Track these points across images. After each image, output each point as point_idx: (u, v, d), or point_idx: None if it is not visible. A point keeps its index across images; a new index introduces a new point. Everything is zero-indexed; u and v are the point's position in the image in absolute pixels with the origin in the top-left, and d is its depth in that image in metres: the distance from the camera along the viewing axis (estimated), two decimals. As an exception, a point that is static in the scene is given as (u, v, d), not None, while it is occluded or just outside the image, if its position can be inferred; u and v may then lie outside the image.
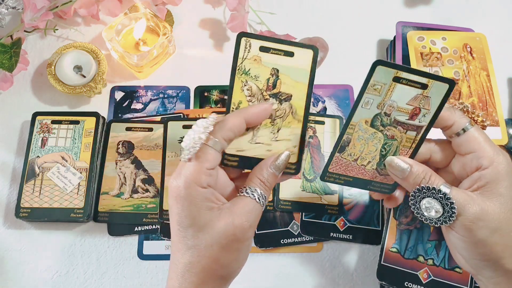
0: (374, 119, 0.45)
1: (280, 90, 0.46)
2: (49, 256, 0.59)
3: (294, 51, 0.45)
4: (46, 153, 0.61)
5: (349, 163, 0.47)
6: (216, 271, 0.41)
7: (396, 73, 0.43)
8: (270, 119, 0.46)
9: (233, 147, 0.45)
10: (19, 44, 0.63)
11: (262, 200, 0.43)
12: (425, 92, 0.44)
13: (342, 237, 0.59)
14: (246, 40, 0.45)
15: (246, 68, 0.45)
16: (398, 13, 0.73)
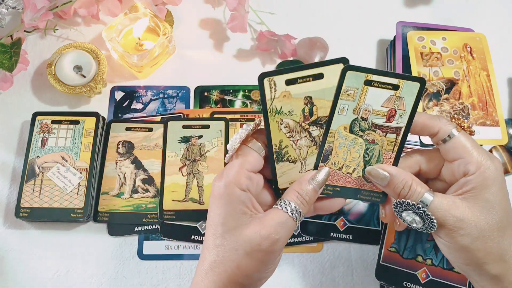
0: (352, 124, 0.45)
1: (318, 115, 0.45)
2: (49, 256, 0.59)
3: (323, 72, 0.43)
4: (46, 153, 0.61)
5: (335, 172, 0.46)
6: (237, 276, 0.41)
7: (367, 76, 0.44)
8: (315, 146, 0.45)
9: (286, 180, 0.45)
10: (19, 44, 0.63)
11: (296, 214, 0.41)
12: (398, 92, 0.44)
13: (342, 237, 0.59)
14: (269, 80, 0.43)
15: (278, 108, 0.43)
16: (398, 13, 0.73)
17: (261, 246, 0.40)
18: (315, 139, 0.45)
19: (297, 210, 0.42)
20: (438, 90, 0.62)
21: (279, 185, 0.45)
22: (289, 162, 0.45)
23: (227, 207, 0.41)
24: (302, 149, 0.45)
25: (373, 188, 0.46)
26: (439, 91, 0.62)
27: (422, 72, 0.63)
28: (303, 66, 0.43)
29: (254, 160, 0.42)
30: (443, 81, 0.62)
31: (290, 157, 0.45)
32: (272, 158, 0.44)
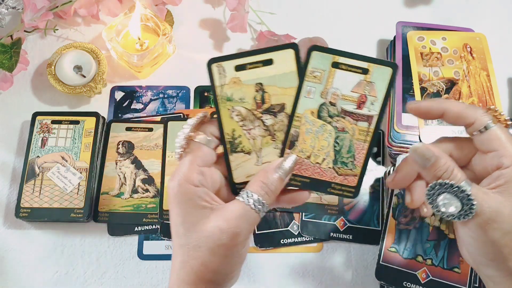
0: (320, 109, 0.42)
1: (271, 103, 0.43)
2: (49, 256, 0.59)
3: (272, 57, 0.42)
4: (46, 153, 0.61)
5: (302, 161, 0.43)
6: (204, 274, 0.40)
7: (334, 58, 0.42)
8: (270, 136, 0.43)
9: (241, 174, 0.43)
10: (19, 44, 0.63)
11: (259, 206, 0.40)
12: (368, 77, 0.42)
13: (342, 237, 0.59)
14: (218, 66, 0.42)
15: (228, 94, 0.42)
16: (398, 13, 0.73)
17: (222, 241, 0.39)
18: (269, 128, 0.43)
19: (260, 202, 0.40)
20: (438, 90, 0.62)
21: (234, 179, 0.43)
22: (244, 153, 0.43)
23: (184, 205, 0.40)
24: (256, 139, 0.43)
25: (344, 181, 0.44)
26: (439, 91, 0.62)
27: (422, 72, 0.63)
28: (251, 52, 0.42)
29: (203, 154, 0.41)
30: (443, 81, 0.62)
31: (244, 147, 0.43)
32: (226, 149, 0.43)
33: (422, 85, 0.62)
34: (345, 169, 0.43)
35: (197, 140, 0.41)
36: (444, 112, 0.43)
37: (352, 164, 0.43)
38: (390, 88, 0.42)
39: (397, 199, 0.57)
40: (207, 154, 0.41)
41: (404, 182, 0.46)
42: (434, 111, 0.44)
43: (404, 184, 0.47)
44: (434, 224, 0.57)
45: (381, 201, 0.61)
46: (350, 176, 0.43)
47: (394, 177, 0.46)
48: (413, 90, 0.62)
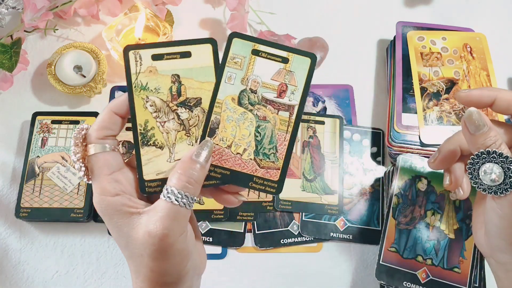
0: (240, 96, 0.42)
1: (187, 96, 0.42)
2: (49, 256, 0.59)
3: (190, 50, 0.42)
4: (46, 153, 0.61)
5: (223, 151, 0.41)
6: (156, 279, 0.39)
7: (254, 45, 0.42)
8: (185, 131, 0.42)
9: (152, 170, 0.41)
10: (19, 44, 0.63)
11: (183, 200, 0.37)
12: (287, 66, 0.42)
13: (342, 237, 0.59)
14: (134, 53, 0.41)
15: (143, 83, 0.41)
16: (398, 13, 0.73)
17: (155, 246, 0.37)
18: (184, 122, 0.42)
19: (183, 195, 0.37)
20: (438, 90, 0.62)
21: (144, 176, 0.40)
22: (156, 147, 0.41)
23: (113, 219, 0.38)
24: (170, 133, 0.42)
25: (266, 175, 0.42)
26: (439, 91, 0.62)
27: (422, 72, 0.63)
28: (170, 43, 0.42)
29: (106, 162, 0.39)
30: (443, 81, 0.62)
31: (157, 141, 0.41)
32: (137, 141, 0.41)
33: (422, 85, 0.62)
34: (267, 161, 0.42)
35: (92, 153, 0.39)
36: (496, 99, 0.43)
37: (275, 156, 0.42)
38: (309, 78, 0.42)
39: (397, 199, 0.57)
40: (109, 159, 0.39)
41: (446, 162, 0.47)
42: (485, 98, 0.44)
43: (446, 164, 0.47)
44: (434, 224, 0.57)
45: (381, 201, 0.61)
46: (272, 170, 0.42)
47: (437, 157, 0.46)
48: (413, 90, 0.62)
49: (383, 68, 0.69)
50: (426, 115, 0.60)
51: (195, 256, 0.41)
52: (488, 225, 0.42)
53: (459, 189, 0.47)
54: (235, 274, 0.58)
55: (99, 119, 0.40)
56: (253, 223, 0.60)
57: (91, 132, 0.40)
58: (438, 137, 0.58)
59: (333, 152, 0.62)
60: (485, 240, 0.43)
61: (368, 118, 0.66)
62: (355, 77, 0.68)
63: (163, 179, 0.40)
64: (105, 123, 0.40)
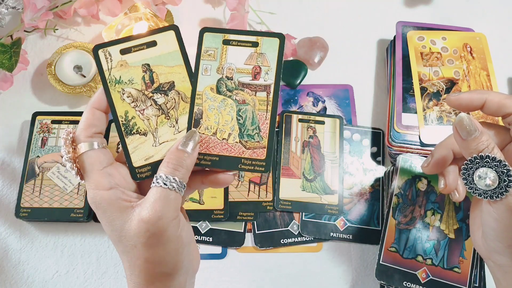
0: (218, 84, 0.44)
1: (160, 82, 0.44)
2: (49, 256, 0.59)
3: (155, 39, 0.44)
4: (46, 153, 0.61)
5: (209, 139, 0.44)
6: (152, 269, 0.39)
7: (224, 36, 0.45)
8: (164, 114, 0.44)
9: (140, 157, 0.43)
10: (19, 44, 0.63)
11: (172, 184, 0.39)
12: (258, 49, 0.45)
13: (342, 237, 0.59)
14: (103, 51, 0.43)
15: (117, 77, 0.43)
16: (398, 13, 0.73)
17: (150, 231, 0.38)
18: (161, 107, 0.44)
19: (172, 179, 0.39)
20: (438, 90, 0.62)
21: (133, 163, 0.42)
22: (140, 134, 0.43)
23: (107, 213, 0.39)
24: (151, 119, 0.44)
25: (253, 155, 0.44)
26: (439, 91, 0.62)
27: (422, 72, 0.63)
28: (134, 36, 0.44)
29: (97, 159, 0.40)
30: (443, 81, 0.62)
31: (140, 128, 0.43)
32: (121, 133, 0.43)
33: (422, 85, 0.62)
34: (253, 142, 0.44)
35: (82, 151, 0.40)
36: (486, 102, 0.43)
37: (259, 136, 0.44)
38: (280, 57, 0.44)
39: (397, 199, 0.57)
40: (100, 155, 0.40)
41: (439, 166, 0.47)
42: (475, 101, 0.44)
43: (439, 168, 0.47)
44: (434, 224, 0.57)
45: (381, 201, 0.61)
46: (258, 149, 0.44)
47: (430, 161, 0.46)
48: (413, 90, 0.62)
49: (383, 68, 0.69)
50: (426, 115, 0.60)
51: (190, 249, 0.42)
52: (485, 228, 0.42)
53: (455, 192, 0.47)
54: (235, 274, 0.58)
55: (83, 118, 0.41)
56: (253, 223, 0.60)
57: (78, 132, 0.41)
58: (438, 137, 0.58)
59: (333, 152, 0.62)
60: (482, 242, 0.43)
61: (368, 118, 0.66)
62: (355, 77, 0.68)
63: (152, 163, 0.42)
64: (89, 121, 0.41)
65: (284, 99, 0.66)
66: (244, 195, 0.60)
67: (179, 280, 0.41)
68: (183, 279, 0.41)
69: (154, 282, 0.40)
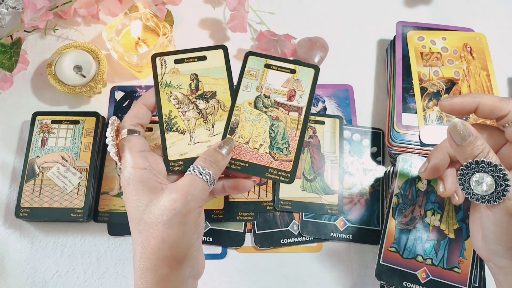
0: (256, 100, 0.50)
1: (204, 90, 0.50)
2: (49, 256, 0.59)
3: (205, 55, 0.51)
4: (46, 153, 0.61)
5: (242, 146, 0.49)
6: (165, 251, 0.41)
7: (266, 61, 0.52)
8: (203, 118, 0.49)
9: (175, 152, 0.48)
10: (19, 44, 0.63)
11: (206, 177, 0.43)
12: (295, 75, 0.51)
13: (342, 237, 0.59)
14: (160, 59, 0.50)
15: (167, 81, 0.49)
16: (398, 13, 0.73)
17: (176, 209, 0.41)
18: (202, 112, 0.50)
19: (207, 171, 0.43)
20: (438, 90, 0.62)
21: (168, 157, 0.48)
22: (178, 132, 0.49)
23: (136, 190, 0.42)
24: (190, 120, 0.49)
25: (280, 166, 0.48)
26: (439, 91, 0.62)
27: (422, 72, 0.63)
28: (188, 50, 0.51)
29: (137, 142, 0.45)
30: (443, 81, 0.62)
31: (179, 127, 0.49)
32: (162, 129, 0.49)
33: (422, 85, 0.62)
34: (281, 154, 0.49)
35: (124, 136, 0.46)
36: (478, 105, 0.43)
37: (287, 150, 0.49)
38: (314, 85, 0.51)
39: (397, 199, 0.57)
40: (139, 141, 0.45)
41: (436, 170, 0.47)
42: (468, 105, 0.44)
43: (436, 173, 0.47)
44: (434, 224, 0.57)
45: (381, 201, 0.61)
46: (285, 162, 0.49)
47: (427, 167, 0.47)
48: (413, 90, 0.62)
49: (383, 68, 0.69)
50: (426, 115, 0.60)
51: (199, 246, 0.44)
52: (485, 231, 0.42)
53: (454, 195, 0.47)
54: (235, 274, 0.58)
55: (131, 110, 0.48)
56: (253, 223, 0.60)
57: (124, 120, 0.47)
58: (438, 137, 0.58)
59: (333, 152, 0.62)
60: (482, 245, 0.44)
61: (368, 118, 0.66)
62: (355, 77, 0.68)
63: (186, 159, 0.48)
64: (135, 113, 0.47)
65: (284, 99, 0.66)
66: (244, 195, 0.60)
67: (183, 272, 0.42)
68: (187, 273, 0.43)
69: (162, 267, 0.41)
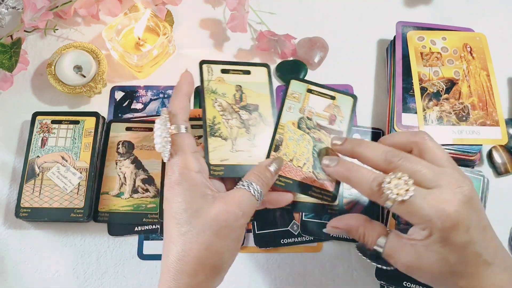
0: (299, 121, 0.53)
1: (247, 102, 0.52)
2: (49, 256, 0.59)
3: (250, 70, 0.54)
4: (46, 153, 0.61)
5: (287, 164, 0.51)
6: (208, 259, 0.41)
7: (308, 86, 0.55)
8: (245, 128, 0.51)
9: (217, 157, 0.48)
10: (19, 44, 0.63)
11: (257, 194, 0.44)
12: (335, 102, 0.55)
13: (342, 237, 0.59)
14: (207, 66, 0.52)
15: (213, 88, 0.51)
16: (398, 13, 0.73)
17: (228, 222, 0.41)
18: (244, 122, 0.51)
19: (259, 190, 0.44)
20: (438, 90, 0.62)
21: (210, 160, 0.48)
22: (221, 138, 0.50)
23: (188, 192, 0.42)
24: (233, 128, 0.51)
25: (323, 186, 0.51)
26: (439, 91, 0.62)
27: (422, 72, 0.63)
28: (235, 62, 0.54)
29: (190, 142, 0.45)
30: (443, 81, 0.62)
31: (222, 133, 0.50)
32: (205, 132, 0.49)
33: (422, 85, 0.62)
34: (324, 174, 0.51)
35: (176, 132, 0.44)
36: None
37: None
38: (352, 112, 0.55)
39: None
40: (191, 139, 0.45)
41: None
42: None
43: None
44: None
45: (381, 201, 0.61)
46: (328, 182, 0.51)
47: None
48: (413, 90, 0.62)
49: (383, 68, 0.69)
50: (426, 115, 0.60)
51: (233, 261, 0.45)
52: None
53: None
54: (235, 274, 0.58)
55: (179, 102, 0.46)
56: (253, 223, 0.60)
57: (176, 113, 0.45)
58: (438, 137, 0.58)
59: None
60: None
61: (368, 118, 0.66)
62: (355, 77, 0.68)
63: (226, 165, 0.48)
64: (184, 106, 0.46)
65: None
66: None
67: (216, 283, 0.43)
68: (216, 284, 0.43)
69: (199, 273, 0.41)
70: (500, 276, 0.41)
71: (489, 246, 0.41)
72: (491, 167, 0.63)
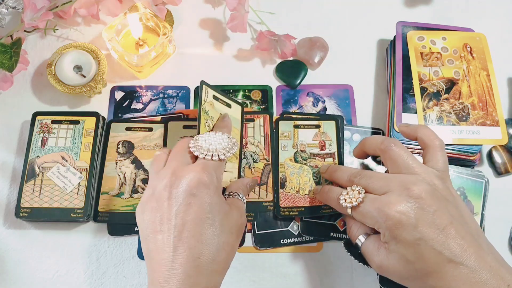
0: (295, 156, 0.60)
1: None
2: (49, 256, 0.59)
3: (231, 104, 0.58)
4: (46, 153, 0.61)
5: (294, 196, 0.58)
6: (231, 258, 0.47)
7: (294, 122, 0.62)
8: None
9: None
10: (19, 44, 0.63)
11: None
12: (320, 129, 0.62)
13: (342, 237, 0.59)
14: (205, 88, 0.54)
15: (206, 109, 0.54)
16: (398, 13, 0.73)
17: (243, 225, 0.49)
18: None
19: (244, 200, 0.52)
20: (438, 90, 0.62)
21: None
22: None
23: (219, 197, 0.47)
24: None
25: None
26: (439, 91, 0.62)
27: (422, 72, 0.63)
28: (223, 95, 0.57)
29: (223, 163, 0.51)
30: (443, 81, 0.62)
31: None
32: None
33: (422, 85, 0.62)
34: None
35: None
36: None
37: None
38: (338, 133, 0.62)
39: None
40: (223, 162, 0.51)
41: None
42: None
43: None
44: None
45: (381, 201, 0.61)
46: None
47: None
48: (413, 90, 0.62)
49: (383, 68, 0.69)
50: (426, 115, 0.60)
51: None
52: None
53: None
54: (235, 274, 0.58)
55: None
56: (253, 223, 0.59)
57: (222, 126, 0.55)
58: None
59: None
60: None
61: (368, 118, 0.66)
62: (355, 77, 0.68)
63: None
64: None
65: (284, 99, 0.66)
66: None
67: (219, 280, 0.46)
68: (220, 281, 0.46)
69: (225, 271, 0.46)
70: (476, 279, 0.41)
71: (454, 245, 0.42)
72: (491, 167, 0.63)
